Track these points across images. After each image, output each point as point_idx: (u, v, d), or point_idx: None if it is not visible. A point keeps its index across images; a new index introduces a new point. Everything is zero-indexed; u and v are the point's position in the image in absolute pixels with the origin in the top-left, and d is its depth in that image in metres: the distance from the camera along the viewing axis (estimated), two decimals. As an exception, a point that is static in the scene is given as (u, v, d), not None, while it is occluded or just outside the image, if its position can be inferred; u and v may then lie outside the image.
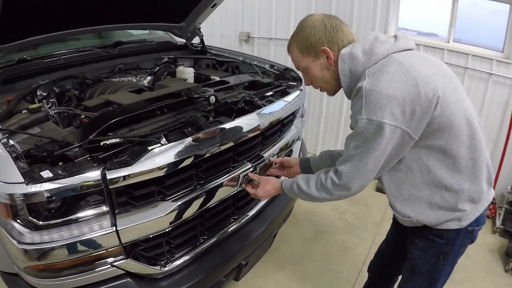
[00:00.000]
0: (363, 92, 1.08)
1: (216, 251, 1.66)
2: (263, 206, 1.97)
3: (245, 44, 4.24)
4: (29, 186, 1.12)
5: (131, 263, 1.35)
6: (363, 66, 1.15)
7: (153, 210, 1.34)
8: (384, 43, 1.17)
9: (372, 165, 1.14)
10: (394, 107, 1.05)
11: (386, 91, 1.05)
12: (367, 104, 1.07)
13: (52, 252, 1.22)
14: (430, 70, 1.12)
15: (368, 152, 1.11)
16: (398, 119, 1.06)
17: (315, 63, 1.25)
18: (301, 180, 1.33)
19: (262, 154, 1.83)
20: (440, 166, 1.16)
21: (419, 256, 1.32)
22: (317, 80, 1.30)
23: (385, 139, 1.08)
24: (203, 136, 1.40)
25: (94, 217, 1.25)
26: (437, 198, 1.20)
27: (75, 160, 1.24)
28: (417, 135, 1.11)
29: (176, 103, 1.71)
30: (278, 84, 2.21)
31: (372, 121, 1.07)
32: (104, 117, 1.48)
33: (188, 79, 2.37)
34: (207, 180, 1.51)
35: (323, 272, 2.44)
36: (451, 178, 1.17)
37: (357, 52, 1.17)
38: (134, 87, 2.10)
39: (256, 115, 1.67)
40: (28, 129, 1.58)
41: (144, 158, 1.23)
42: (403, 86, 1.06)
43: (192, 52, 2.88)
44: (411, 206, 1.23)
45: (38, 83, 1.93)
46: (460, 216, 1.21)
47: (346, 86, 1.24)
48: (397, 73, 1.08)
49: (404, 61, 1.10)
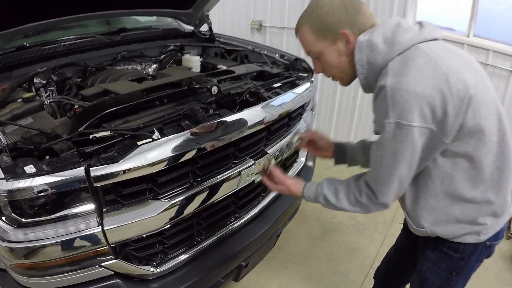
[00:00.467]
0: (388, 91, 0.93)
1: (215, 252, 1.57)
2: (267, 204, 1.87)
3: (257, 33, 4.10)
4: (9, 183, 1.05)
5: (120, 264, 1.28)
6: (384, 57, 1.00)
7: (144, 209, 1.25)
8: (408, 31, 1.01)
9: (406, 173, 1.00)
10: (424, 107, 0.91)
11: (415, 89, 0.90)
12: (394, 106, 0.92)
13: (36, 250, 1.15)
14: (461, 65, 0.97)
15: (401, 161, 0.97)
16: (428, 120, 0.92)
17: (332, 48, 1.08)
18: (327, 191, 1.16)
19: (267, 150, 1.72)
20: (463, 176, 1.03)
21: (430, 269, 1.21)
22: (331, 68, 1.13)
23: (417, 144, 0.95)
24: (200, 130, 1.30)
25: (79, 216, 1.17)
26: (456, 210, 1.08)
27: (61, 154, 1.16)
28: (448, 138, 0.97)
29: (176, 94, 1.62)
30: (287, 75, 2.09)
31: (402, 125, 0.92)
32: (95, 108, 1.39)
33: (193, 68, 2.28)
34: (204, 178, 1.42)
35: (329, 273, 2.33)
36: (473, 189, 1.05)
37: (377, 40, 1.01)
38: (136, 76, 2.02)
39: (261, 108, 1.56)
40: (21, 119, 1.51)
41: (133, 154, 1.14)
42: (433, 83, 0.91)
43: (200, 40, 2.77)
44: (426, 217, 1.11)
45: (36, 70, 1.85)
46: (479, 230, 1.09)
47: (363, 78, 1.08)
48: (425, 67, 0.93)
49: (432, 53, 0.96)
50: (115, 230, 1.20)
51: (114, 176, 1.11)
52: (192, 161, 1.35)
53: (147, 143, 1.18)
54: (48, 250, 1.16)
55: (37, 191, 1.07)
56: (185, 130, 1.29)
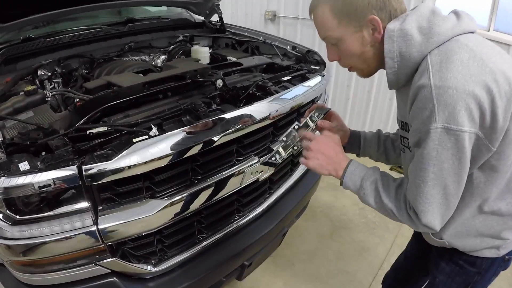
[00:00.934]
0: (433, 91, 0.79)
1: (216, 251, 1.53)
2: (273, 202, 1.82)
3: (270, 23, 4.00)
4: (2, 180, 1.02)
5: (116, 262, 1.25)
6: (419, 50, 0.86)
7: (140, 208, 1.21)
8: (446, 20, 0.86)
9: (454, 188, 0.86)
10: (474, 108, 0.78)
11: (464, 87, 0.77)
12: (442, 108, 0.78)
13: (31, 248, 1.13)
14: (504, 63, 0.84)
15: (449, 173, 0.83)
16: (476, 124, 0.80)
17: (355, 36, 0.92)
18: (382, 187, 0.96)
19: (273, 147, 1.65)
20: (490, 185, 0.93)
21: (443, 282, 1.13)
22: (351, 57, 0.97)
23: (467, 153, 0.82)
24: (195, 129, 1.23)
25: (74, 214, 1.14)
26: (479, 222, 0.98)
27: (56, 151, 1.13)
28: (495, 145, 0.84)
29: (180, 87, 1.56)
30: (298, 68, 2.01)
31: (451, 130, 0.78)
32: (94, 102, 1.35)
33: (202, 59, 2.21)
34: (205, 176, 1.36)
35: (336, 273, 2.27)
36: (500, 201, 0.95)
37: (411, 29, 0.86)
38: (142, 67, 1.97)
39: (267, 103, 1.49)
40: (22, 112, 1.49)
41: (128, 152, 1.09)
42: (481, 82, 0.78)
43: (210, 31, 2.70)
44: (445, 228, 1.00)
45: (41, 63, 1.83)
46: (500, 244, 1.00)
47: (392, 73, 0.92)
48: (472, 63, 0.80)
49: (476, 49, 0.82)
50: (110, 229, 1.17)
51: (108, 174, 1.07)
52: (192, 158, 1.30)
53: (143, 140, 1.14)
54: (43, 247, 1.14)
55: (30, 189, 1.05)
56: (186, 126, 1.24)
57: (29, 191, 1.06)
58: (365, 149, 1.26)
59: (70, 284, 1.25)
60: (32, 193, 1.07)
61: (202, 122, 1.27)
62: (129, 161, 1.09)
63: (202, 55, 2.25)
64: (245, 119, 1.37)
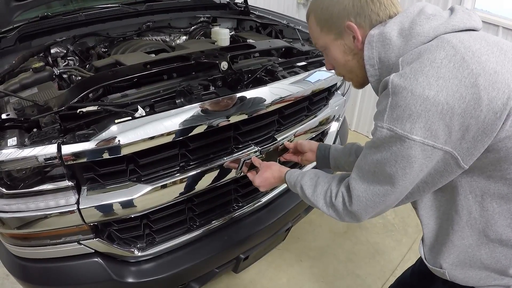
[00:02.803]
0: (390, 88, 0.74)
1: (209, 241, 1.48)
2: (277, 194, 1.73)
3: (303, 8, 3.83)
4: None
5: (98, 243, 1.23)
6: (398, 53, 0.79)
7: (123, 191, 1.17)
8: (431, 18, 0.78)
9: (395, 194, 0.81)
10: (433, 118, 0.69)
11: (423, 92, 0.69)
12: (392, 108, 0.72)
13: (15, 221, 1.14)
14: (503, 63, 0.71)
15: (389, 176, 0.77)
16: (438, 137, 0.70)
17: (337, 44, 0.89)
18: (307, 181, 1.02)
19: (277, 137, 1.56)
20: (499, 209, 0.81)
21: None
22: (339, 66, 0.94)
23: (415, 164, 0.74)
24: (170, 114, 1.17)
25: (58, 192, 1.13)
26: (485, 253, 0.86)
27: (43, 128, 1.11)
28: (467, 162, 0.74)
29: (186, 68, 1.50)
30: (317, 54, 1.88)
31: (395, 134, 0.72)
32: (91, 81, 1.32)
33: (222, 41, 2.14)
34: (196, 162, 1.30)
35: (344, 274, 2.15)
36: (511, 228, 0.82)
37: (390, 33, 0.80)
38: (156, 47, 1.94)
39: (268, 89, 1.39)
40: (28, 88, 1.50)
41: (108, 133, 1.05)
42: (452, 86, 0.68)
43: (233, 13, 2.61)
44: (446, 256, 0.90)
45: (55, 40, 1.84)
46: (509, 284, 0.87)
47: (374, 81, 0.87)
48: (445, 64, 0.70)
49: (461, 46, 0.72)
50: (92, 209, 1.15)
51: (85, 155, 1.04)
52: (182, 143, 1.24)
53: (125, 121, 1.09)
54: (29, 222, 1.14)
55: (14, 164, 1.04)
56: (165, 111, 1.17)
57: (12, 166, 1.05)
58: (337, 166, 1.30)
59: (55, 259, 1.26)
60: (16, 168, 1.06)
61: (195, 104, 1.20)
62: (108, 142, 1.05)
63: (222, 37, 2.17)
64: (226, 103, 1.28)
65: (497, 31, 2.70)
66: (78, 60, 1.90)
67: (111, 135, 1.05)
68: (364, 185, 0.84)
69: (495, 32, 2.70)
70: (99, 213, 1.16)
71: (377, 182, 0.80)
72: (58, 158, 1.04)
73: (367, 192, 0.83)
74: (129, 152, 1.10)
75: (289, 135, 1.60)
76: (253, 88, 1.35)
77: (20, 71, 1.61)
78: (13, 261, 1.29)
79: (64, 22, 1.91)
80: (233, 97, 1.29)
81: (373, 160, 0.80)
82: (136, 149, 1.10)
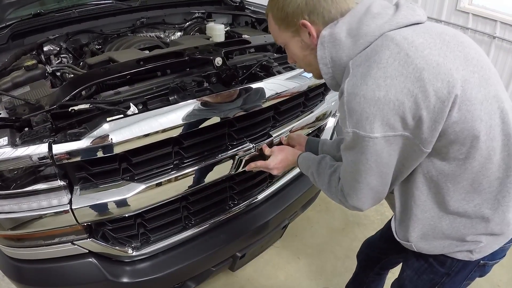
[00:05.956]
0: (344, 98, 0.81)
1: (205, 239, 1.47)
2: (273, 192, 1.71)
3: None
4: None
5: (92, 243, 1.22)
6: (348, 54, 0.85)
7: (117, 190, 1.16)
8: (377, 17, 0.83)
9: (377, 182, 0.89)
10: (388, 114, 0.76)
11: (374, 94, 0.75)
12: (350, 114, 0.80)
13: (6, 222, 1.12)
14: (446, 53, 0.78)
15: (366, 171, 0.86)
16: (397, 128, 0.78)
17: (295, 40, 0.94)
18: (319, 170, 1.09)
19: (272, 133, 1.54)
20: (453, 187, 0.88)
21: (410, 278, 1.11)
22: (299, 60, 1.00)
23: (384, 153, 0.82)
24: (160, 113, 1.15)
25: (50, 192, 1.11)
26: (445, 224, 0.93)
27: (34, 127, 1.09)
28: (428, 147, 0.81)
29: (180, 64, 1.48)
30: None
31: (360, 135, 0.80)
32: (83, 79, 1.30)
33: (217, 37, 2.12)
34: (190, 160, 1.28)
35: (342, 271, 2.14)
36: (466, 202, 0.89)
37: (340, 33, 0.84)
38: (150, 44, 1.92)
39: (263, 84, 1.37)
40: (20, 87, 1.48)
41: (100, 132, 1.03)
42: (399, 84, 0.75)
43: (228, 8, 2.58)
44: (411, 230, 0.98)
45: (47, 37, 1.81)
46: (472, 248, 0.95)
47: (329, 79, 0.92)
48: (391, 63, 0.76)
49: (404, 43, 0.78)
50: (85, 209, 1.13)
51: (77, 154, 1.02)
52: (175, 141, 1.22)
53: (117, 119, 1.07)
54: (21, 222, 1.13)
55: (4, 164, 1.02)
56: (158, 108, 1.16)
57: (4, 167, 1.04)
58: None
59: (49, 260, 1.25)
60: (7, 168, 1.05)
61: (186, 101, 1.18)
62: (100, 140, 1.03)
63: (217, 32, 2.15)
64: (219, 100, 1.27)
65: (494, 26, 2.69)
66: (71, 57, 1.87)
67: (103, 134, 1.03)
68: (350, 183, 0.92)
69: (493, 27, 2.69)
70: (92, 213, 1.14)
71: (359, 178, 0.88)
72: (49, 158, 1.02)
73: (355, 188, 0.91)
74: (122, 151, 1.09)
75: (285, 131, 1.58)
76: (248, 84, 1.33)
77: (12, 70, 1.58)
78: (7, 263, 1.28)
79: (57, 19, 1.88)
80: (227, 93, 1.27)
81: (349, 161, 0.88)
82: (128, 147, 1.09)
